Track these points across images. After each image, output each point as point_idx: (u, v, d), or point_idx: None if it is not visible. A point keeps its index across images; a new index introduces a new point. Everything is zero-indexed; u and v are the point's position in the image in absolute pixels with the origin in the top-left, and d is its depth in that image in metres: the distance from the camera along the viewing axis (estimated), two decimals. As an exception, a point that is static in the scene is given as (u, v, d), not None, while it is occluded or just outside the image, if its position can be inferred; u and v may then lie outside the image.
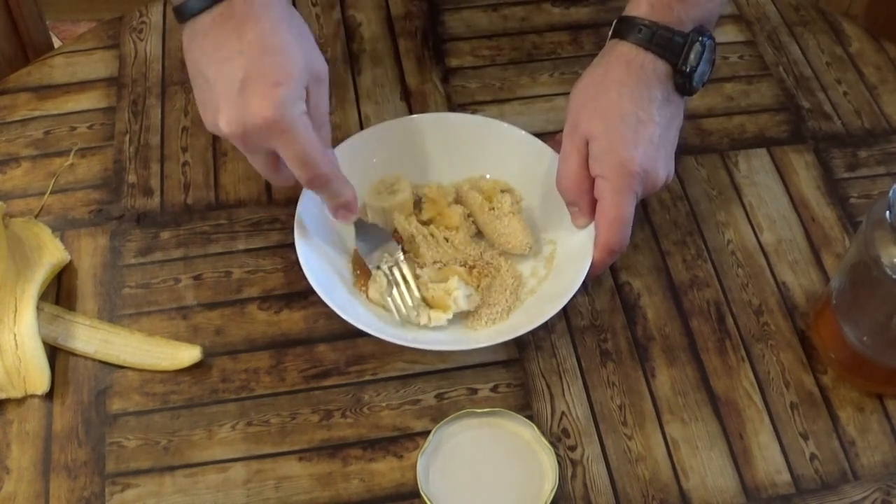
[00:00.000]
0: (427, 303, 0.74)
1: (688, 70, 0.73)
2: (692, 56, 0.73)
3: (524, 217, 0.78)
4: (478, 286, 0.75)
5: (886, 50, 0.94)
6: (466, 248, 0.77)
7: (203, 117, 0.68)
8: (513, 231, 0.77)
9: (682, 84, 0.74)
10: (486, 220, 0.77)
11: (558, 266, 0.76)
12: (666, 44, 0.72)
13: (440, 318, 0.73)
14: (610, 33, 0.76)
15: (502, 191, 0.79)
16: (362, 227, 0.76)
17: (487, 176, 0.81)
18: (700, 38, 0.73)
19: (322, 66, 0.69)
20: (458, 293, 0.73)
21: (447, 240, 0.78)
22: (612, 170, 0.71)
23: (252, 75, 0.64)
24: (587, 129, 0.72)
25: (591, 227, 0.74)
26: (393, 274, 0.74)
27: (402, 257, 0.75)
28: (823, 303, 0.73)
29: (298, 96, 0.66)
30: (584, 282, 0.72)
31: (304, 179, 0.68)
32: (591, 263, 0.73)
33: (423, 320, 0.73)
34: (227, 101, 0.65)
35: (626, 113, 0.72)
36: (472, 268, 0.76)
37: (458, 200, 0.79)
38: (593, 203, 0.74)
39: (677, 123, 0.75)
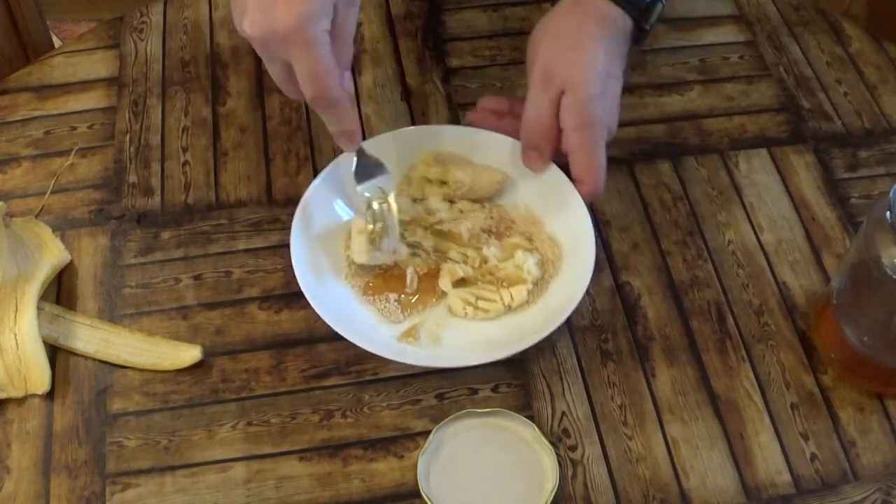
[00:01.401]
0: (504, 283, 0.75)
1: (647, 28, 0.77)
2: (654, 15, 0.78)
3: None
4: (534, 250, 0.77)
5: (886, 50, 0.94)
6: (474, 210, 0.78)
7: (234, 19, 0.68)
8: (479, 174, 0.78)
9: (637, 40, 0.78)
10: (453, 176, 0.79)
11: (558, 284, 0.75)
12: (635, 1, 0.77)
13: (522, 291, 0.74)
14: None
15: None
16: (363, 158, 0.75)
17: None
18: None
19: None
20: (529, 263, 0.75)
21: (462, 211, 0.79)
22: (585, 124, 0.75)
23: None
24: (563, 80, 0.75)
25: (583, 222, 0.75)
26: (379, 209, 0.74)
27: (393, 194, 0.75)
28: (824, 303, 0.73)
29: (324, 12, 0.66)
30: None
31: (309, 96, 0.68)
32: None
33: (391, 256, 0.74)
34: (254, 3, 0.65)
35: (601, 68, 0.75)
36: (492, 231, 0.78)
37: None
38: (555, 150, 0.77)
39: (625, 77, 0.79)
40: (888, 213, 0.62)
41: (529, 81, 0.77)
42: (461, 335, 0.74)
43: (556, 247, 0.77)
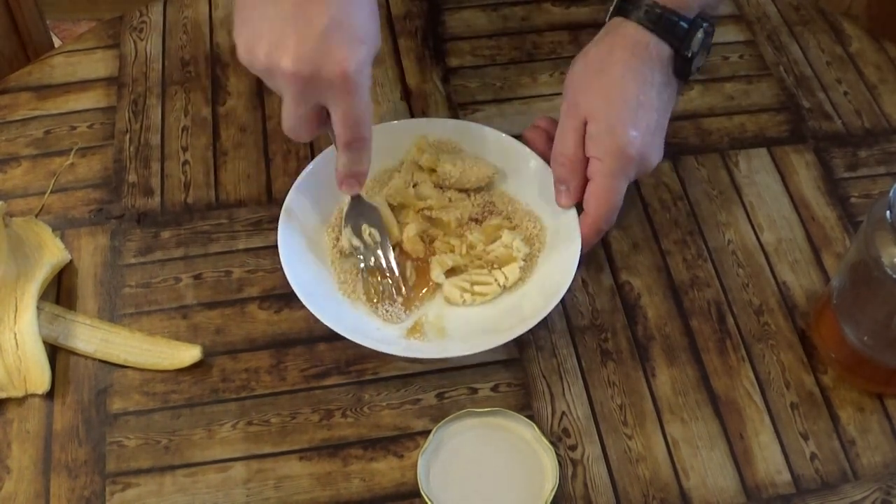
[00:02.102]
0: (494, 264, 0.76)
1: (689, 55, 0.73)
2: (695, 42, 0.73)
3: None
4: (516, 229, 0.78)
5: (886, 50, 0.94)
6: (462, 200, 0.79)
7: (245, 45, 0.64)
8: (470, 167, 0.78)
9: (681, 69, 0.74)
10: (446, 172, 0.79)
11: (548, 258, 0.76)
12: (671, 27, 0.72)
13: (514, 270, 0.74)
14: (612, 10, 0.75)
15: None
16: (357, 203, 0.76)
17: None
18: (703, 25, 0.73)
19: (380, 39, 0.67)
20: (516, 241, 0.75)
21: (451, 199, 0.79)
22: (609, 153, 0.71)
23: (341, 24, 0.62)
24: (587, 108, 0.72)
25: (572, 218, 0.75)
26: (371, 256, 0.75)
27: (380, 239, 0.75)
28: (824, 303, 0.73)
29: (372, 59, 0.65)
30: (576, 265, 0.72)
31: (346, 139, 0.67)
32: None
33: (401, 317, 0.74)
34: (302, 39, 0.62)
35: (628, 95, 0.72)
36: (477, 220, 0.78)
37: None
38: (583, 184, 0.74)
39: (671, 108, 0.75)
40: (888, 212, 0.62)
41: (560, 114, 0.75)
42: (464, 324, 0.74)
43: (537, 220, 0.78)
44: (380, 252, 0.75)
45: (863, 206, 0.83)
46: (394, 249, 0.77)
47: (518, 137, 0.80)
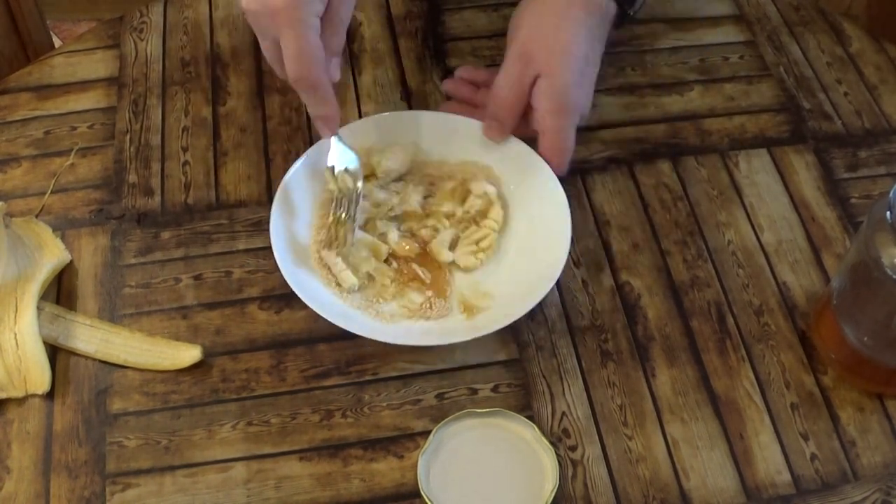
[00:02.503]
0: (478, 218, 0.78)
1: (632, 14, 0.79)
2: (638, 1, 0.79)
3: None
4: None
5: (886, 50, 0.94)
6: (407, 187, 0.81)
7: None
8: (397, 154, 0.80)
9: (619, 24, 0.79)
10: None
11: (536, 248, 0.77)
12: None
13: (497, 211, 0.78)
14: None
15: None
16: (336, 148, 0.77)
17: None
18: None
19: None
20: (483, 186, 0.79)
21: (398, 192, 0.80)
22: (560, 109, 0.76)
23: None
24: (541, 62, 0.76)
25: (561, 210, 0.76)
26: (342, 203, 0.76)
27: (360, 189, 0.76)
28: (824, 303, 0.73)
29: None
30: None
31: (291, 76, 0.70)
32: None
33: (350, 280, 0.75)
34: None
35: (580, 54, 0.76)
36: (434, 192, 0.81)
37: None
38: (516, 123, 0.78)
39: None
40: (888, 213, 0.62)
41: (507, 54, 0.78)
42: (501, 285, 0.76)
43: (487, 168, 0.80)
44: (347, 200, 0.76)
45: (863, 207, 0.83)
46: (387, 260, 0.77)
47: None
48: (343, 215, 0.76)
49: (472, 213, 0.79)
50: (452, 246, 0.78)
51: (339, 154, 0.77)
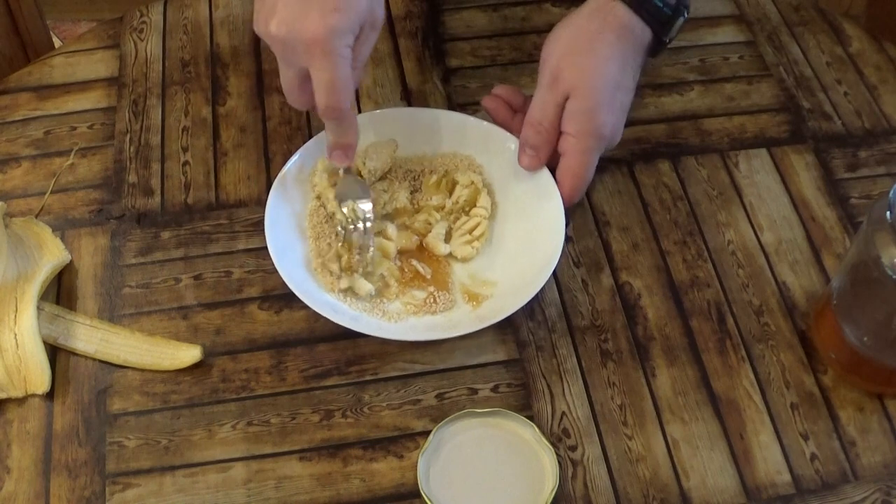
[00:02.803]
0: (467, 207, 0.79)
1: (667, 41, 0.77)
2: (674, 28, 0.77)
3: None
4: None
5: (886, 50, 0.94)
6: (392, 184, 0.81)
7: (255, 18, 0.70)
8: (380, 151, 0.80)
9: (654, 51, 0.78)
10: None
11: (531, 229, 0.78)
12: (656, 12, 0.76)
13: (484, 198, 0.78)
14: None
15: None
16: (346, 177, 0.77)
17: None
18: (684, 12, 0.77)
19: (381, 15, 0.71)
20: (469, 175, 0.79)
21: (385, 191, 0.81)
22: (586, 133, 0.75)
23: None
24: (571, 84, 0.75)
25: (549, 187, 0.77)
26: (352, 230, 0.76)
27: (369, 212, 0.76)
28: (824, 303, 0.73)
29: (350, 30, 0.68)
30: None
31: (322, 106, 0.70)
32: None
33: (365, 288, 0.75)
34: (286, 6, 0.67)
35: (610, 78, 0.75)
36: (420, 186, 0.81)
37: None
38: (552, 149, 0.77)
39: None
40: (888, 213, 0.63)
41: (539, 81, 0.77)
42: (500, 271, 0.77)
43: (468, 158, 0.81)
44: (359, 227, 0.76)
45: (863, 207, 0.83)
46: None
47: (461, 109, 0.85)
48: (358, 241, 0.75)
49: (461, 204, 0.79)
50: (447, 238, 0.78)
51: (350, 184, 0.77)
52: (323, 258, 0.75)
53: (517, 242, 0.78)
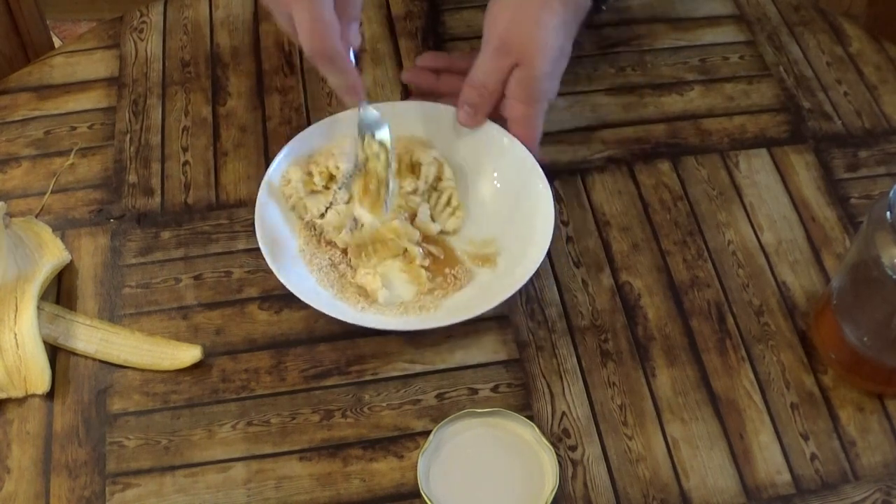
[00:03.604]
0: (433, 182, 0.80)
1: (604, 8, 0.81)
2: None
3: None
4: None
5: (886, 50, 0.94)
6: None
7: None
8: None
9: (589, 19, 0.81)
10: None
11: (507, 181, 0.79)
12: None
13: (446, 169, 0.79)
14: None
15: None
16: (363, 114, 0.77)
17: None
18: None
19: None
20: (427, 152, 0.79)
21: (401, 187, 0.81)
22: (533, 98, 0.78)
23: None
24: (520, 54, 0.77)
25: (511, 143, 0.79)
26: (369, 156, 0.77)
27: (388, 143, 0.77)
28: (824, 303, 0.73)
29: None
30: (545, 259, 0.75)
31: (307, 49, 0.71)
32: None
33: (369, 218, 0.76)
34: None
35: (557, 47, 0.77)
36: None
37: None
38: (491, 109, 0.79)
39: None
40: (888, 213, 0.62)
41: (483, 43, 0.79)
42: (494, 227, 0.78)
43: (421, 139, 0.81)
44: (381, 157, 0.77)
45: (863, 207, 0.83)
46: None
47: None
48: (380, 173, 0.76)
49: (430, 181, 0.80)
50: (433, 218, 0.79)
51: (367, 119, 0.77)
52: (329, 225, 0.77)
53: (491, 192, 0.80)
